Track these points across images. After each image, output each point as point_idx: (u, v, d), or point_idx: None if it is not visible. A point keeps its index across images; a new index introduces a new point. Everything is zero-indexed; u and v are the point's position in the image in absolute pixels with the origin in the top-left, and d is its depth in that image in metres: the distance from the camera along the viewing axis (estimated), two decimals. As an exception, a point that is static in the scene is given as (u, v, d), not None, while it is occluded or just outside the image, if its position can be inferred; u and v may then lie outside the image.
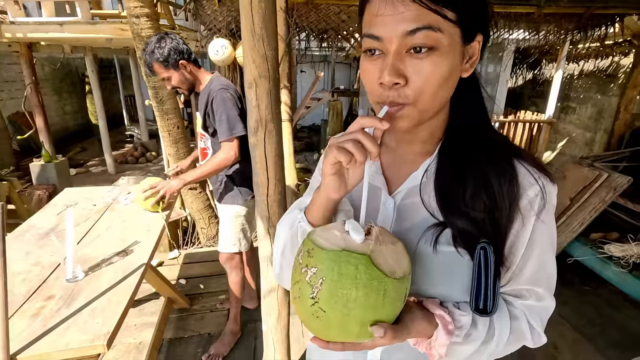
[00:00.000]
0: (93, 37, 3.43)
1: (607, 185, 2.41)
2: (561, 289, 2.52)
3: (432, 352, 0.51)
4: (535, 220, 0.52)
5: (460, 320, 0.51)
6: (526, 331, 0.55)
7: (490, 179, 0.51)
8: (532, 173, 0.52)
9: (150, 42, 1.57)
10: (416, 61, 0.44)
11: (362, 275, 0.42)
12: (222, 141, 1.63)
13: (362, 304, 0.43)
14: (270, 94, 1.04)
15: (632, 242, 2.18)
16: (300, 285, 0.45)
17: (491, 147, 0.54)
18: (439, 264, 0.52)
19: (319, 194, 0.53)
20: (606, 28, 3.47)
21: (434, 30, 0.43)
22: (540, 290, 0.56)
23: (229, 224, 1.83)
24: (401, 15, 0.43)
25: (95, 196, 1.85)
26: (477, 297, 0.50)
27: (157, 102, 2.55)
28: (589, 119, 5.08)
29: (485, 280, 0.49)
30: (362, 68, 0.50)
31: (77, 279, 1.15)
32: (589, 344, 2.02)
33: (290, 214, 0.61)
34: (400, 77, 0.45)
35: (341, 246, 0.45)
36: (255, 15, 0.96)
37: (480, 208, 0.50)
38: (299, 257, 0.47)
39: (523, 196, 0.51)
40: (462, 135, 0.55)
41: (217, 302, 2.31)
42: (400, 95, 0.46)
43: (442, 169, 0.54)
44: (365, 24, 0.48)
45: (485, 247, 0.49)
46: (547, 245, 0.54)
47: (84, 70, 7.29)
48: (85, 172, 5.88)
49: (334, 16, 3.02)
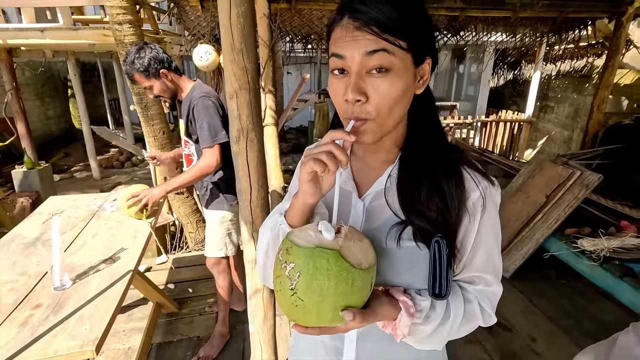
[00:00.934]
0: (75, 42, 3.40)
1: (579, 183, 2.52)
2: (538, 283, 2.63)
3: (397, 332, 0.59)
4: (481, 219, 0.60)
5: (420, 304, 0.58)
6: (478, 312, 0.63)
7: (441, 183, 0.59)
8: (473, 178, 0.60)
9: (130, 53, 1.59)
10: (375, 80, 0.52)
11: (333, 267, 0.49)
12: (203, 148, 1.65)
13: (333, 292, 0.49)
14: (250, 104, 1.09)
15: (603, 237, 2.29)
16: (281, 279, 0.52)
17: (442, 156, 0.62)
18: (402, 257, 0.60)
19: (297, 199, 0.59)
20: (579, 31, 3.62)
21: (389, 52, 0.51)
22: (488, 277, 0.64)
23: (215, 229, 1.86)
24: (361, 40, 0.51)
25: (80, 204, 1.86)
26: (434, 283, 0.57)
27: (142, 107, 2.56)
28: (566, 118, 5.26)
29: (440, 269, 0.56)
30: (330, 86, 0.57)
31: (65, 287, 1.17)
32: (564, 335, 2.12)
33: (272, 217, 0.66)
34: (361, 95, 0.52)
35: (315, 243, 0.51)
36: (235, 31, 1.00)
37: (434, 208, 0.58)
38: (279, 254, 0.54)
39: (469, 198, 0.60)
40: (419, 145, 0.63)
41: (205, 305, 2.33)
42: (363, 111, 0.53)
43: (403, 175, 0.62)
44: (331, 46, 0.55)
45: (439, 240, 0.56)
46: (492, 239, 0.63)
47: (66, 74, 7.18)
48: (69, 177, 5.79)
49: (317, 20, 3.08)
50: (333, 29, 0.55)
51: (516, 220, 2.76)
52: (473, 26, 3.28)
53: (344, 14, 0.53)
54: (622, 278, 2.05)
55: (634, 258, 2.12)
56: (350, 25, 0.51)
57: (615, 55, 3.34)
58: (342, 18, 0.53)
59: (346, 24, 0.52)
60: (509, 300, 2.43)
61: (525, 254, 2.61)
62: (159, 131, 2.67)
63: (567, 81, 5.23)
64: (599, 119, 3.52)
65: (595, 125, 3.56)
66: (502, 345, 2.05)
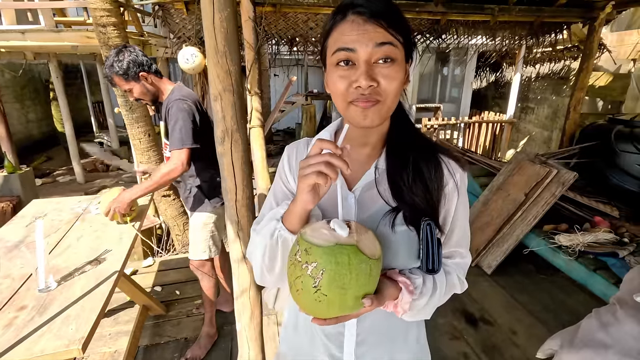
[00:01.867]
0: (57, 44, 3.36)
1: (556, 181, 2.61)
2: (519, 278, 2.71)
3: (398, 309, 0.66)
4: (457, 202, 0.69)
5: (415, 282, 0.66)
6: (456, 282, 0.73)
7: (423, 170, 0.67)
8: (448, 166, 0.69)
9: (110, 56, 1.59)
10: (382, 69, 0.58)
11: (353, 261, 0.54)
12: (171, 150, 1.64)
13: (355, 284, 0.54)
14: (234, 105, 1.12)
15: (578, 232, 2.39)
16: (302, 279, 0.55)
17: (423, 146, 0.70)
18: (397, 241, 0.66)
19: (295, 206, 0.62)
20: (556, 35, 3.76)
21: (393, 45, 0.58)
22: (463, 250, 0.74)
23: (198, 231, 1.86)
24: (370, 34, 0.57)
25: (65, 207, 1.85)
26: (427, 261, 0.64)
27: (127, 110, 2.55)
28: (546, 119, 5.43)
29: (432, 248, 0.64)
30: (336, 76, 0.61)
31: (50, 289, 1.17)
32: (542, 327, 2.20)
33: (269, 224, 0.68)
34: (374, 81, 0.58)
35: (333, 241, 0.55)
36: (218, 34, 1.03)
37: (420, 193, 0.66)
38: (297, 256, 0.57)
39: (447, 185, 0.68)
40: (401, 139, 0.70)
41: (193, 307, 2.33)
42: (374, 94, 0.59)
43: (392, 166, 0.69)
44: (335, 42, 0.60)
45: (430, 223, 0.64)
46: (465, 216, 0.73)
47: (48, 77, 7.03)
48: (52, 182, 5.68)
49: (302, 24, 3.12)
50: (337, 25, 0.60)
51: (497, 218, 2.85)
52: (454, 29, 3.37)
53: (347, 11, 0.59)
54: (595, 271, 2.15)
55: (607, 252, 2.22)
56: (358, 20, 0.57)
57: (589, 58, 3.48)
58: (345, 15, 0.59)
59: (353, 19, 0.58)
60: (492, 295, 2.50)
61: (506, 250, 2.70)
62: (144, 134, 2.67)
63: (546, 83, 5.40)
64: (575, 120, 3.65)
65: (572, 125, 3.69)
66: (485, 339, 2.12)
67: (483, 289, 2.56)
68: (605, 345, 0.76)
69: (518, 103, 5.77)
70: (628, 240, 2.31)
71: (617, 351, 0.75)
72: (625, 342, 0.75)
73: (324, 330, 0.75)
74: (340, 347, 0.74)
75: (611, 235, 2.34)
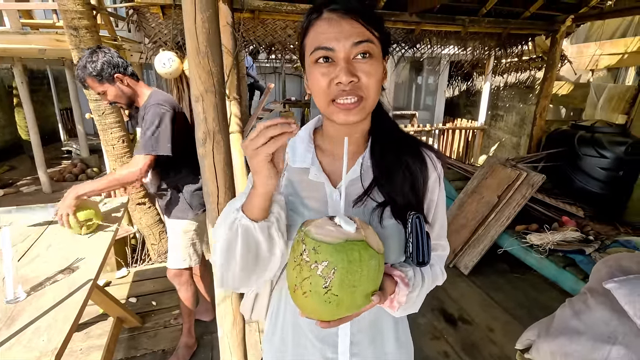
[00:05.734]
0: (24, 47, 3.21)
1: (526, 183, 2.74)
2: (495, 277, 2.81)
3: (394, 303, 0.65)
4: (438, 195, 0.71)
5: (407, 274, 0.66)
6: (439, 273, 0.74)
7: (409, 162, 0.68)
8: (432, 159, 0.71)
9: (82, 57, 1.53)
10: (362, 65, 0.59)
11: (364, 257, 0.52)
12: (135, 154, 1.56)
13: (365, 280, 0.52)
14: (216, 107, 1.11)
15: (548, 232, 2.51)
16: (311, 280, 0.52)
17: (406, 141, 0.71)
18: (386, 235, 0.66)
19: (256, 190, 0.58)
20: (522, 46, 3.97)
21: (371, 42, 0.59)
22: (443, 242, 0.76)
23: (178, 239, 1.81)
24: (348, 31, 0.58)
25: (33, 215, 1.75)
26: (418, 254, 0.64)
27: (100, 115, 2.47)
28: (514, 125, 5.69)
29: (422, 240, 0.64)
30: (316, 74, 0.61)
31: (19, 300, 1.10)
32: (518, 324, 2.28)
33: (228, 216, 0.63)
34: (354, 76, 0.58)
35: (343, 238, 0.53)
36: (200, 35, 1.03)
37: (407, 187, 0.67)
38: (303, 256, 0.53)
39: (430, 178, 0.70)
40: (384, 135, 0.71)
41: (170, 317, 2.26)
42: (356, 90, 0.59)
43: (377, 161, 0.69)
44: (313, 41, 0.60)
45: (419, 216, 0.64)
46: (444, 208, 0.75)
47: (11, 82, 6.69)
48: (15, 192, 5.37)
49: (280, 31, 3.14)
50: (312, 24, 0.61)
51: (472, 220, 2.94)
52: (428, 39, 3.49)
53: (322, 9, 0.59)
54: (565, 268, 2.25)
55: (574, 249, 2.34)
56: (334, 17, 0.58)
57: (552, 68, 3.70)
58: (320, 13, 0.59)
59: (329, 17, 0.58)
60: (469, 295, 2.57)
61: (482, 250, 2.79)
62: (118, 139, 2.59)
63: (514, 92, 5.68)
64: (541, 126, 3.85)
65: (539, 131, 3.89)
66: (464, 338, 2.17)
67: (461, 289, 2.63)
68: (579, 331, 0.81)
69: (488, 111, 6.02)
70: (593, 238, 2.44)
71: (590, 337, 0.79)
72: (597, 328, 0.79)
73: (316, 333, 0.73)
74: (335, 347, 0.72)
75: (578, 233, 2.47)
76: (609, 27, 4.65)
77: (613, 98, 3.97)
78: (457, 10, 3.20)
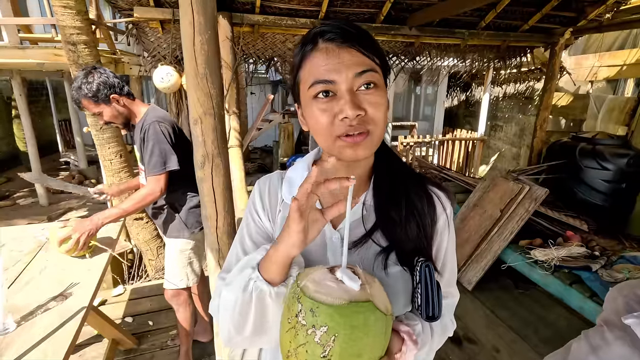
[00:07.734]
0: (22, 62, 3.20)
1: (529, 197, 2.71)
2: (499, 293, 2.75)
3: None
4: (448, 237, 0.65)
5: (416, 330, 0.58)
6: (449, 325, 0.67)
7: (416, 203, 0.61)
8: (440, 199, 0.64)
9: (77, 78, 1.50)
10: (367, 96, 0.54)
11: (370, 321, 0.45)
12: (149, 176, 1.56)
13: (371, 348, 0.45)
14: (215, 129, 1.08)
15: (552, 247, 2.46)
16: (307, 347, 0.44)
17: (412, 179, 0.65)
18: (391, 284, 0.58)
19: (277, 251, 0.52)
20: (520, 58, 3.98)
21: (374, 71, 0.54)
22: (453, 289, 0.69)
23: (175, 258, 1.77)
24: (348, 61, 0.52)
25: (26, 235, 1.71)
26: (427, 307, 0.56)
27: (97, 130, 2.44)
28: (514, 136, 5.68)
29: (432, 292, 0.56)
30: (316, 110, 0.54)
31: (8, 331, 1.05)
32: (524, 343, 2.22)
33: (241, 273, 0.57)
34: (360, 109, 0.52)
35: (346, 298, 0.45)
36: (199, 57, 1.00)
37: (413, 229, 0.60)
38: (298, 318, 0.46)
39: (438, 220, 0.63)
40: (388, 171, 0.65)
41: (168, 338, 2.19)
42: (362, 123, 0.53)
43: (380, 201, 0.62)
44: (310, 74, 0.54)
45: (429, 264, 0.56)
46: (454, 253, 0.69)
47: (10, 94, 6.68)
48: (11, 205, 5.31)
49: (280, 44, 3.13)
50: (307, 56, 0.55)
51: (475, 234, 2.90)
52: (427, 52, 3.50)
53: (317, 39, 0.54)
54: (571, 285, 2.21)
55: (581, 266, 2.29)
56: (331, 47, 0.52)
57: (551, 80, 3.70)
58: (316, 44, 0.54)
59: (326, 47, 0.53)
60: (473, 312, 2.51)
61: (485, 266, 2.74)
62: (116, 154, 2.55)
63: (513, 102, 5.68)
64: (542, 137, 3.84)
65: (539, 142, 3.87)
66: (470, 359, 2.11)
67: (465, 305, 2.57)
68: (597, 369, 0.77)
69: (488, 121, 6.02)
70: (599, 254, 2.40)
71: (609, 375, 0.76)
72: (617, 366, 0.75)
73: None
74: None
75: (583, 249, 2.43)
76: (607, 39, 4.68)
77: (613, 109, 3.97)
78: (456, 23, 3.21)
